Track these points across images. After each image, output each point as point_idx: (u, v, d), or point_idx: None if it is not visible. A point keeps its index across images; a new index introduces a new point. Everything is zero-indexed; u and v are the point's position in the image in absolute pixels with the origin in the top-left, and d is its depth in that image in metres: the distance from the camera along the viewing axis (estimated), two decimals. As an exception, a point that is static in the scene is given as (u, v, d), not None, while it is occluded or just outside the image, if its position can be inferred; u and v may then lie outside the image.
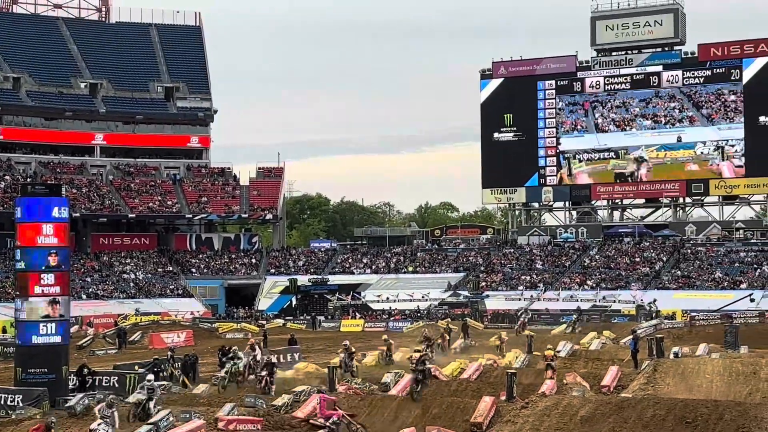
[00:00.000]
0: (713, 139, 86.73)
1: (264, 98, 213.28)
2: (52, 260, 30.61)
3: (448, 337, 46.30)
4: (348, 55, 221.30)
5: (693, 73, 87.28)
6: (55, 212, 30.65)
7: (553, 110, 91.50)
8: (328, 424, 24.11)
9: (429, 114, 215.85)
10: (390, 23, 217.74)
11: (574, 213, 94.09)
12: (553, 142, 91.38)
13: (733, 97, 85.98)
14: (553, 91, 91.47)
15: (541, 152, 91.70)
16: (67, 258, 31.31)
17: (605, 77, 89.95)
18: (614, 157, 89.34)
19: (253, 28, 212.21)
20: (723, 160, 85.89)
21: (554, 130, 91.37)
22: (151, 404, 27.13)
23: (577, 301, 74.46)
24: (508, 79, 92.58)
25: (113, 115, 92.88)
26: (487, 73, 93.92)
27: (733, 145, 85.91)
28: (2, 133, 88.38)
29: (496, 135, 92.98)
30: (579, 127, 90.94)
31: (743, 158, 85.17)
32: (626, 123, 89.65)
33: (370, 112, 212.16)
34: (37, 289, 30.65)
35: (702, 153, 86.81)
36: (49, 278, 30.59)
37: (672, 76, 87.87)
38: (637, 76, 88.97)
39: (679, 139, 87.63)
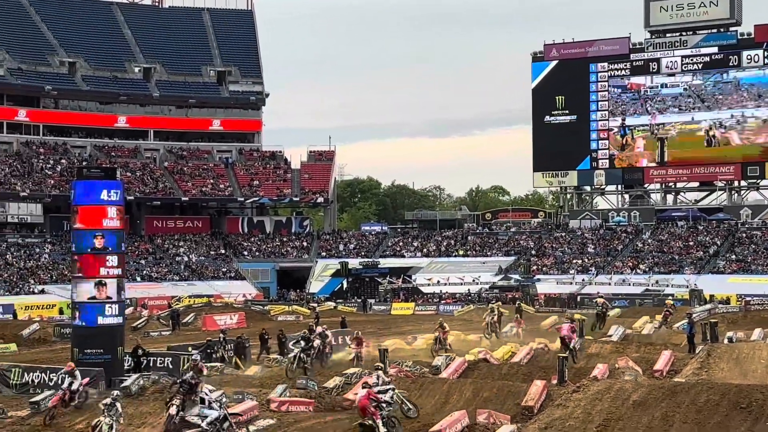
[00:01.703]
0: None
1: (315, 82, 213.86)
2: (98, 242, 30.89)
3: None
4: (400, 39, 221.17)
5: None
6: (104, 195, 30.87)
7: (606, 92, 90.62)
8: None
9: (480, 98, 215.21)
10: (442, 7, 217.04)
11: (626, 196, 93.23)
12: (605, 125, 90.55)
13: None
14: (606, 74, 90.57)
15: (594, 135, 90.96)
16: (117, 241, 31.30)
17: (659, 59, 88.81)
18: (670, 135, 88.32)
19: (304, 12, 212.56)
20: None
21: (606, 112, 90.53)
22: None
23: (630, 285, 73.84)
24: (560, 61, 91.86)
25: (166, 99, 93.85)
26: (538, 55, 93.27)
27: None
28: (59, 117, 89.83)
29: (547, 118, 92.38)
30: (633, 110, 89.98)
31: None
32: (679, 104, 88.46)
33: (421, 96, 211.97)
34: (85, 271, 31.07)
35: (757, 135, 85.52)
36: (95, 260, 30.94)
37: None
38: (692, 58, 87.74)
39: (734, 120, 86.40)
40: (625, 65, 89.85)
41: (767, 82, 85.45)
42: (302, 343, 33.55)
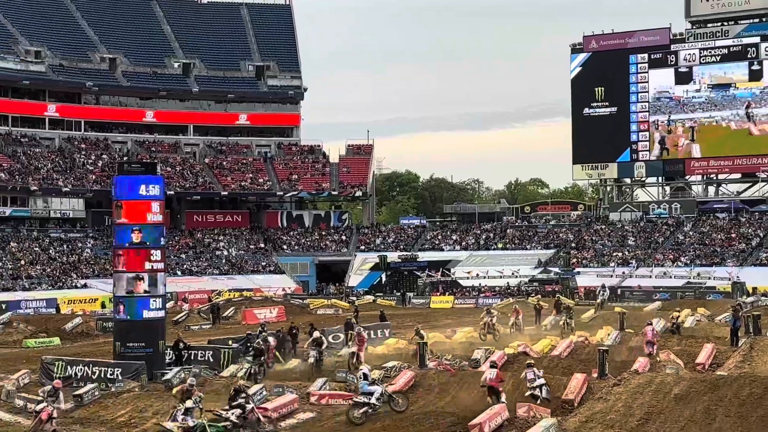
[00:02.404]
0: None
1: (353, 76, 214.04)
2: (135, 237, 31.16)
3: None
4: (438, 31, 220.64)
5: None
6: (142, 190, 31.13)
7: (646, 84, 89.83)
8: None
9: (519, 90, 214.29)
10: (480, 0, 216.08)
11: (667, 188, 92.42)
12: (645, 117, 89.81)
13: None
14: (646, 65, 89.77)
15: (634, 127, 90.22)
16: (154, 235, 31.53)
17: (700, 49, 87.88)
18: (711, 126, 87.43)
19: (342, 5, 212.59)
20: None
21: (646, 104, 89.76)
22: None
23: (671, 277, 73.25)
24: (599, 53, 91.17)
25: (205, 95, 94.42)
26: (577, 47, 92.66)
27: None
28: (100, 113, 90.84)
29: (586, 110, 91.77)
30: (673, 100, 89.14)
31: None
32: (721, 94, 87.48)
33: (460, 88, 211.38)
34: (122, 265, 31.36)
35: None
36: (136, 254, 31.21)
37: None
38: (734, 48, 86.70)
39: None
40: (666, 56, 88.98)
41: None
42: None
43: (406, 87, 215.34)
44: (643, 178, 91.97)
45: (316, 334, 34.37)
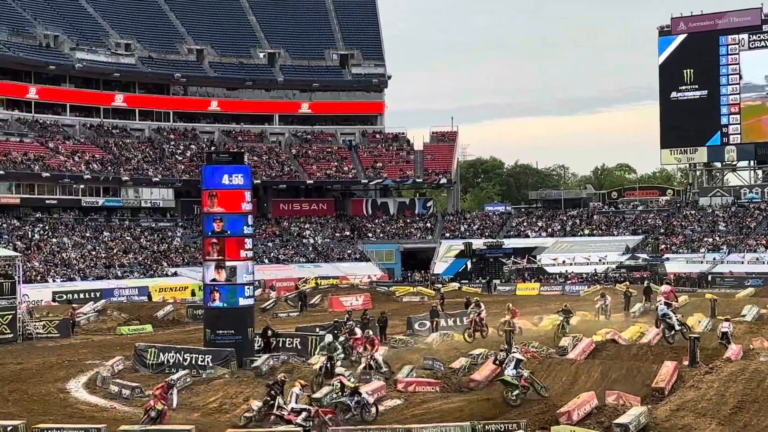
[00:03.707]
0: None
1: (437, 62, 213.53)
2: (217, 226, 31.63)
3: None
4: (522, 16, 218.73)
5: None
6: (225, 179, 31.53)
7: (737, 65, 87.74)
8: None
9: (606, 74, 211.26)
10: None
11: (759, 172, 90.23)
12: (736, 99, 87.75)
13: None
14: (737, 46, 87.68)
15: (724, 110, 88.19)
16: (242, 223, 31.86)
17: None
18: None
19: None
20: None
21: (737, 86, 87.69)
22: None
23: (764, 263, 71.59)
24: (689, 35, 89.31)
25: (291, 84, 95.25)
26: (665, 29, 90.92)
27: None
28: (187, 104, 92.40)
29: (675, 93, 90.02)
30: (766, 82, 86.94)
31: None
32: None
33: (544, 73, 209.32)
34: (213, 254, 31.86)
35: None
36: (222, 243, 31.67)
37: None
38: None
39: None
40: (758, 36, 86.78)
41: None
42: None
43: (490, 72, 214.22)
44: (734, 162, 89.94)
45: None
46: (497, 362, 26.69)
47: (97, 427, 21.47)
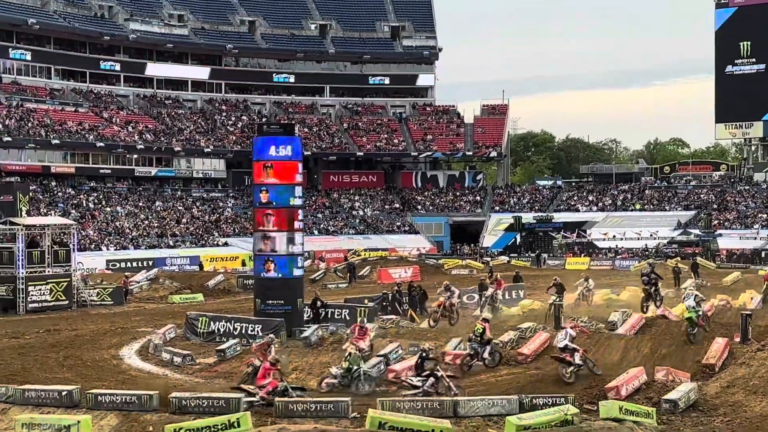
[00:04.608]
0: None
1: (488, 35, 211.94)
2: (263, 197, 31.80)
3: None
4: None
5: None
6: (272, 151, 31.64)
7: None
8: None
9: (660, 47, 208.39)
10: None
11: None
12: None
13: None
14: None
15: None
16: (286, 195, 31.90)
17: None
18: None
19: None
20: None
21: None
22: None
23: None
24: (745, 6, 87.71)
25: (341, 56, 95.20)
26: (722, 2, 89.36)
27: None
28: (238, 76, 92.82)
29: (730, 67, 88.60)
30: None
31: None
32: None
33: (597, 46, 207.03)
34: (260, 224, 32.10)
35: None
36: (262, 214, 31.86)
37: None
38: None
39: None
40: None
41: None
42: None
43: (542, 45, 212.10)
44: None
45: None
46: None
47: (149, 393, 21.82)
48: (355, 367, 23.93)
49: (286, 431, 18.93)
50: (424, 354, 23.65)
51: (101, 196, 76.55)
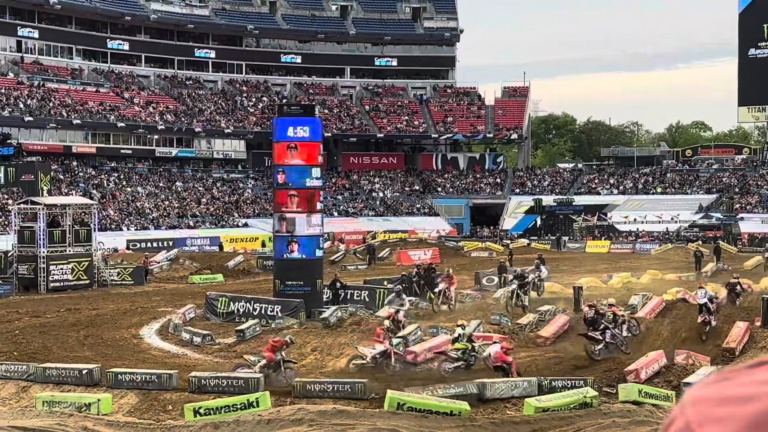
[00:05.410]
0: None
1: (509, 16, 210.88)
2: (280, 178, 31.78)
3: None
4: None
5: None
6: (292, 132, 31.62)
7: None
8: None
9: (682, 30, 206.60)
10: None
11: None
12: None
13: None
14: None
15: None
16: (306, 176, 31.94)
17: None
18: None
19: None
20: None
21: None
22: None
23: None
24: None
25: (362, 37, 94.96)
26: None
27: None
28: (259, 57, 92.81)
29: (754, 50, 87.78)
30: None
31: None
32: None
33: (619, 28, 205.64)
34: (281, 205, 32.12)
35: None
36: (285, 195, 31.87)
37: None
38: None
39: None
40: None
41: None
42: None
43: (563, 27, 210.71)
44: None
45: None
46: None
47: (169, 372, 21.95)
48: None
49: (305, 411, 18.99)
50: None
51: (122, 176, 76.83)
